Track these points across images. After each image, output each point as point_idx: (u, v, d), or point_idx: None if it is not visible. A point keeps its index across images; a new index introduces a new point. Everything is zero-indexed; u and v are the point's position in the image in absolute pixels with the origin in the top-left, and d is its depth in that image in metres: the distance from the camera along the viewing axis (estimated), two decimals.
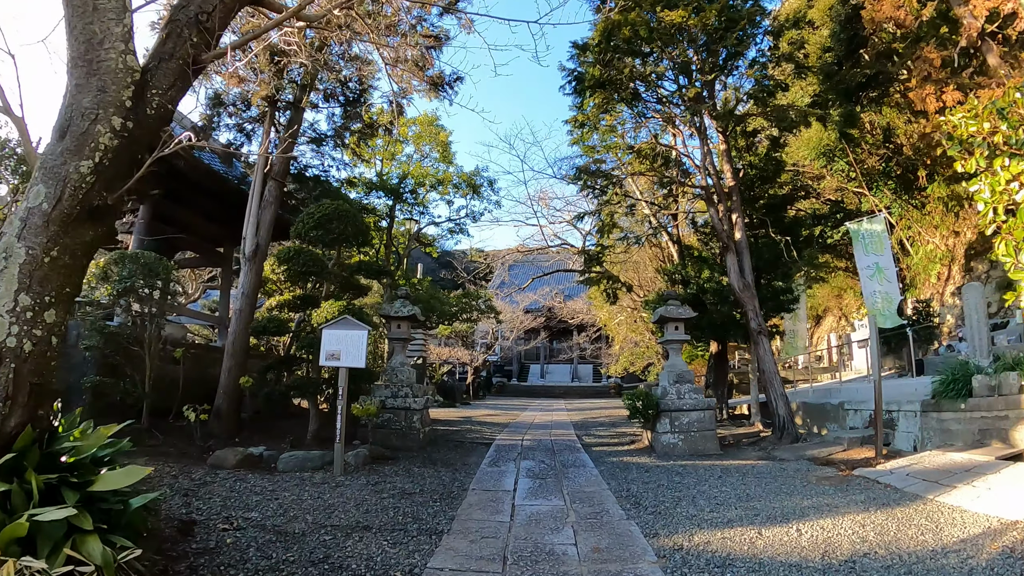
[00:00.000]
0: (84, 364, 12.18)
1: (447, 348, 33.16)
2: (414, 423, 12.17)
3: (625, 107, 15.48)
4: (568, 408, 26.91)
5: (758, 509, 7.13)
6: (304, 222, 12.35)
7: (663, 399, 12.39)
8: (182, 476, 8.11)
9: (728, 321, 15.81)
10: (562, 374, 44.77)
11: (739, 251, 14.14)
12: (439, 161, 22.54)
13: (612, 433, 15.98)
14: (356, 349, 9.52)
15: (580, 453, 12.07)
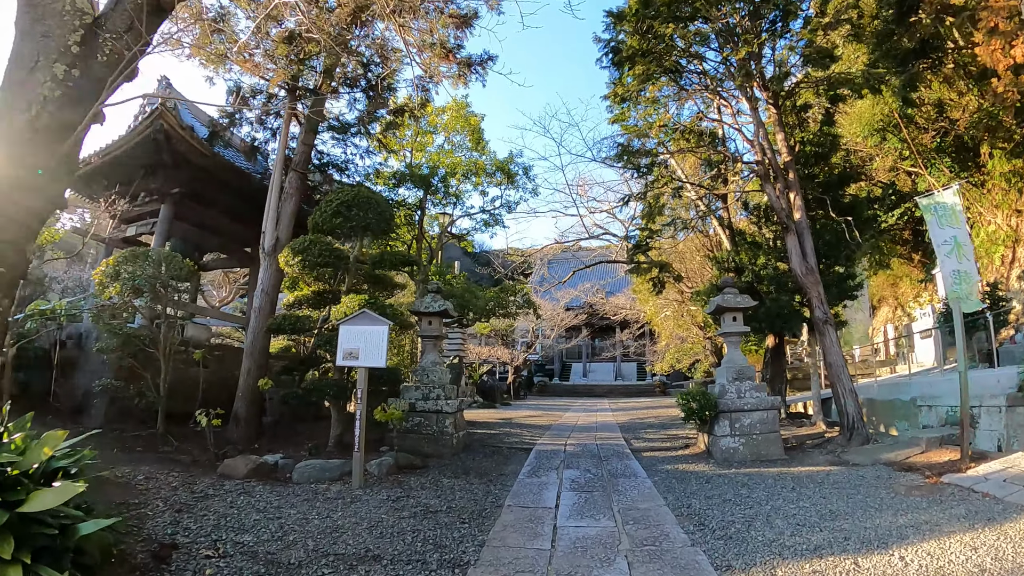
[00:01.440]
0: (102, 369, 11.71)
1: (486, 347, 32.24)
2: (446, 428, 11.13)
3: (666, 84, 14.28)
4: (613, 408, 25.68)
5: (847, 531, 5.98)
6: (322, 210, 11.40)
7: (721, 398, 11.17)
8: (183, 488, 7.27)
9: (786, 311, 14.48)
10: (605, 373, 43.53)
11: (800, 232, 12.85)
12: (471, 150, 21.46)
13: (663, 436, 14.74)
14: (376, 347, 8.55)
15: (630, 460, 10.90)
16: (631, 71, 13.57)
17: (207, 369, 12.99)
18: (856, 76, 13.18)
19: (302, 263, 10.89)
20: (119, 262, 10.87)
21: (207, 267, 21.76)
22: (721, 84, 14.19)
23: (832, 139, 14.99)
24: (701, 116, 15.73)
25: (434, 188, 19.72)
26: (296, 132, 14.03)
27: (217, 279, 31.75)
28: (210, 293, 32.23)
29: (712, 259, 19.13)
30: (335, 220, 11.11)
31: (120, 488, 6.99)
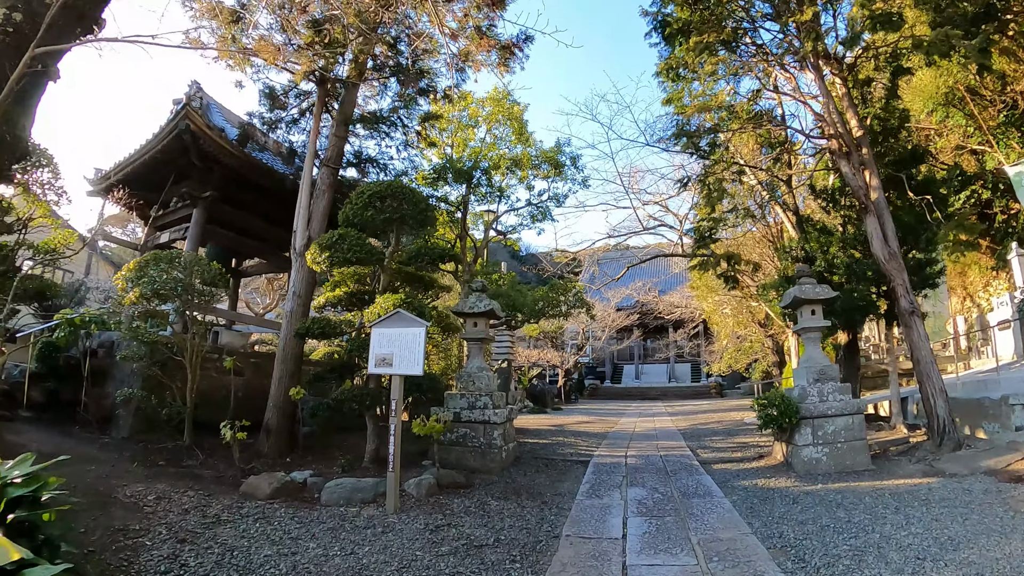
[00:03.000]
0: (133, 378, 11.26)
1: (536, 350, 31.29)
2: (494, 439, 10.04)
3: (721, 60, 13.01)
4: (670, 412, 24.33)
5: (978, 565, 4.82)
6: (352, 202, 10.47)
7: (802, 403, 9.87)
8: (195, 511, 6.42)
9: (864, 303, 13.08)
10: (658, 374, 42.13)
11: (880, 213, 11.50)
12: (515, 143, 20.35)
13: (732, 445, 13.39)
14: (412, 351, 7.51)
15: (700, 475, 9.66)
16: (683, 46, 12.39)
17: (242, 377, 12.39)
18: (927, 39, 11.73)
19: (330, 259, 9.96)
20: (140, 266, 10.19)
21: (246, 273, 21.39)
22: (781, 59, 12.90)
23: (901, 113, 13.58)
24: (758, 94, 14.40)
25: (476, 182, 18.71)
26: (328, 128, 13.24)
27: (261, 286, 31.55)
28: (254, 300, 32.02)
29: (778, 249, 17.73)
30: (367, 213, 10.17)
31: (124, 510, 6.22)
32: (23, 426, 10.31)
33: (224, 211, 15.36)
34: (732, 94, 14.58)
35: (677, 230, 22.11)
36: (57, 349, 12.02)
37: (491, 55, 12.23)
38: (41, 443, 9.16)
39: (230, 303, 20.39)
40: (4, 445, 8.63)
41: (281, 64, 12.24)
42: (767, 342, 25.55)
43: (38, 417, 11.22)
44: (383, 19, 11.64)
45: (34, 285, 10.26)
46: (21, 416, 11.08)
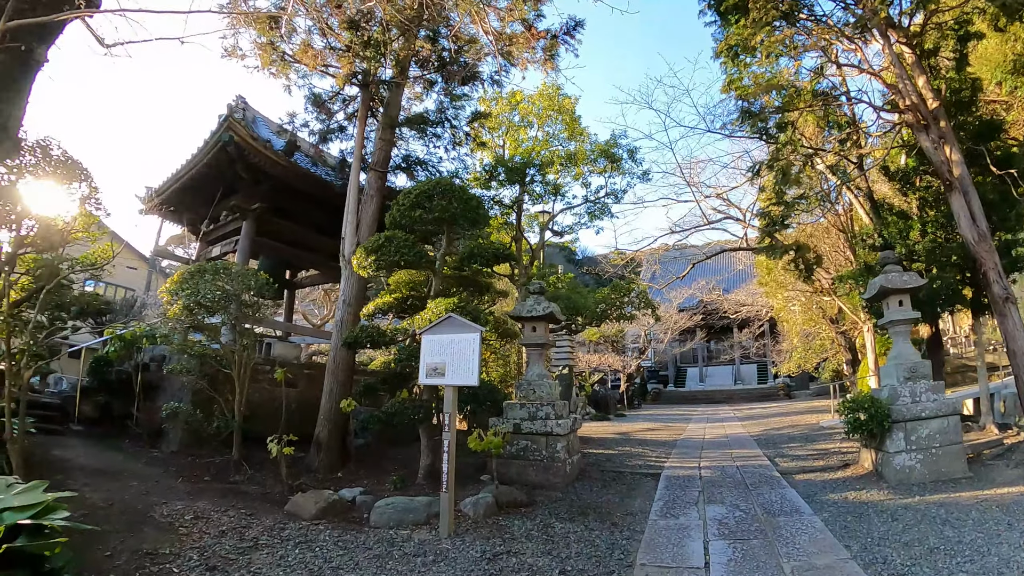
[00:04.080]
0: (184, 392, 11.11)
1: (596, 355, 30.46)
2: (557, 453, 9.33)
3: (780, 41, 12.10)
4: (739, 416, 23.18)
5: None
6: (399, 203, 9.95)
7: (893, 404, 8.87)
8: (232, 533, 5.98)
9: (946, 292, 11.95)
10: (723, 377, 40.69)
11: (965, 190, 10.45)
12: (568, 139, 19.62)
13: (811, 452, 12.34)
14: (465, 360, 6.87)
15: (783, 488, 8.75)
16: (737, 26, 11.57)
17: (295, 389, 12.10)
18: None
19: (376, 263, 9.46)
20: (184, 278, 9.90)
21: (301, 284, 21.33)
22: (843, 31, 11.96)
23: (973, 82, 12.46)
24: (821, 71, 13.38)
25: (530, 180, 18.07)
26: (375, 132, 12.87)
27: (319, 297, 31.62)
28: (312, 311, 32.12)
29: (852, 238, 16.55)
30: (414, 213, 9.63)
31: (157, 531, 5.84)
32: (73, 440, 10.18)
33: (274, 223, 15.22)
34: (795, 73, 13.61)
35: (742, 223, 20.97)
36: (109, 363, 12.00)
37: (536, 52, 11.66)
38: (87, 458, 8.97)
39: (285, 315, 20.35)
40: (50, 460, 8.44)
41: (322, 68, 11.99)
42: (838, 339, 24.21)
43: (89, 431, 11.13)
44: (424, 16, 11.19)
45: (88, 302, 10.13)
46: (72, 430, 11.02)
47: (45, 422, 10.51)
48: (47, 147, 7.73)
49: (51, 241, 8.44)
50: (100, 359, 12.20)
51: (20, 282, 8.81)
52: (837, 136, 14.47)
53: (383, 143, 12.49)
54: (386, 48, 11.66)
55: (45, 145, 7.71)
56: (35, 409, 10.63)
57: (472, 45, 12.32)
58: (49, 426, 10.53)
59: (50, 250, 8.61)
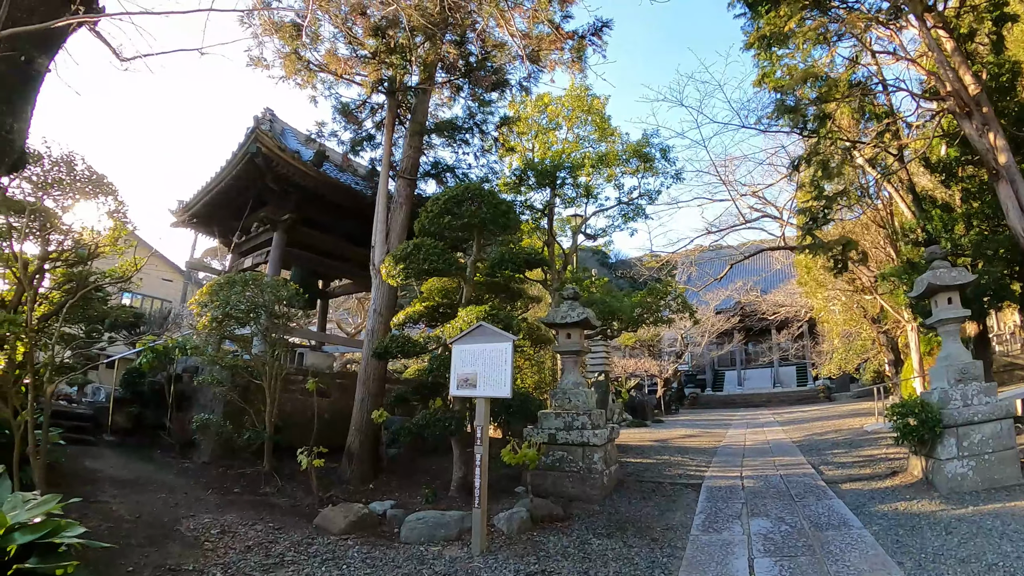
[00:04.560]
0: (216, 402, 11.16)
1: (632, 359, 29.98)
2: (594, 463, 9.02)
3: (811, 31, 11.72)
4: (779, 421, 22.59)
5: None
6: (428, 210, 9.80)
7: (943, 408, 8.39)
8: (258, 549, 5.85)
9: (994, 288, 11.42)
10: (761, 380, 39.87)
11: (1012, 178, 9.96)
12: (598, 140, 19.24)
13: (857, 459, 11.81)
14: (497, 370, 6.62)
15: (830, 499, 8.34)
16: (769, 14, 11.22)
17: (328, 399, 12.02)
18: None
19: (405, 271, 9.30)
20: (213, 289, 9.86)
21: (334, 294, 21.38)
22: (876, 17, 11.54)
23: (1012, 66, 11.92)
24: (856, 60, 12.92)
25: (561, 183, 17.75)
26: (403, 139, 12.75)
27: (352, 306, 31.70)
28: (346, 320, 32.22)
29: (894, 234, 15.98)
30: (443, 219, 9.47)
31: (182, 546, 5.75)
32: (105, 451, 10.22)
33: (305, 233, 15.23)
34: (829, 63, 13.17)
35: (780, 221, 20.36)
36: (141, 375, 12.09)
37: (564, 53, 11.44)
38: (117, 468, 8.96)
39: (318, 324, 20.37)
40: (80, 471, 8.45)
41: (348, 77, 11.93)
42: (880, 339, 23.46)
43: (121, 442, 11.18)
44: (448, 20, 11.04)
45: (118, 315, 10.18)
46: (104, 440, 11.07)
47: (77, 432, 10.60)
48: (71, 162, 7.73)
49: (80, 255, 8.47)
50: (133, 370, 12.29)
51: (51, 296, 8.87)
52: (876, 128, 13.97)
53: (411, 150, 12.37)
54: (412, 54, 11.55)
55: (69, 160, 7.71)
56: (68, 420, 10.75)
57: (499, 50, 12.14)
58: (81, 436, 10.63)
59: (79, 264, 8.64)
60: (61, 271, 8.85)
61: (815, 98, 12.24)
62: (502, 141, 14.85)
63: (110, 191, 8.31)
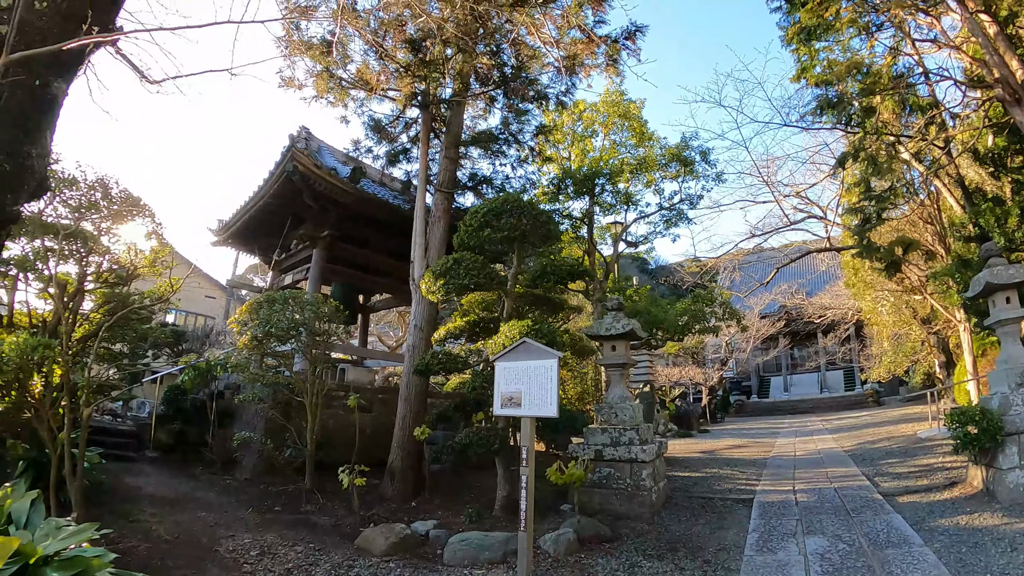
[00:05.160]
0: (258, 419, 11.22)
1: (676, 368, 29.42)
2: (643, 480, 8.75)
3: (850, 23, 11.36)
4: (829, 428, 21.93)
5: None
6: (467, 224, 9.67)
7: (1005, 415, 7.93)
8: (298, 572, 5.83)
9: None
10: (808, 385, 38.96)
11: None
12: (636, 145, 18.81)
13: (912, 468, 11.33)
14: (543, 388, 6.35)
15: (888, 514, 7.95)
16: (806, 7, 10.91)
17: (370, 414, 11.98)
18: None
19: (446, 287, 9.18)
20: (253, 308, 9.90)
21: (374, 308, 21.48)
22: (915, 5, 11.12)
23: None
24: (896, 51, 12.46)
25: (600, 190, 17.50)
26: (439, 153, 12.70)
27: (393, 319, 31.82)
28: (387, 333, 32.34)
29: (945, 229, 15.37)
30: (483, 233, 9.32)
31: (220, 568, 5.73)
32: (146, 467, 10.30)
33: (344, 249, 15.30)
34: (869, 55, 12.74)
35: (825, 221, 19.78)
36: (183, 392, 12.21)
37: (598, 58, 11.27)
38: (158, 486, 9.00)
39: (359, 339, 20.44)
40: (121, 489, 8.50)
41: (382, 92, 11.90)
42: (930, 340, 22.68)
43: (163, 458, 11.27)
44: (479, 32, 10.97)
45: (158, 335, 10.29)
46: (146, 457, 11.17)
47: (119, 449, 10.75)
48: (107, 185, 7.82)
49: (119, 275, 8.58)
50: (175, 387, 12.43)
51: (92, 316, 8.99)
52: (920, 120, 13.46)
53: (448, 163, 12.30)
54: (445, 66, 11.49)
55: (104, 183, 7.81)
56: (110, 436, 10.94)
57: (534, 60, 12.01)
58: (123, 453, 10.76)
59: (119, 284, 8.75)
60: (101, 292, 8.97)
61: (859, 91, 11.85)
62: (539, 150, 14.72)
63: (147, 213, 8.42)
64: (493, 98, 12.95)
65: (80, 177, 7.79)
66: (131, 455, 11.00)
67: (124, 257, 8.35)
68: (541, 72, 12.55)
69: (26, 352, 6.17)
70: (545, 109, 13.33)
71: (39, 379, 6.61)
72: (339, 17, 8.24)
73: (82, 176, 7.79)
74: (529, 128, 14.05)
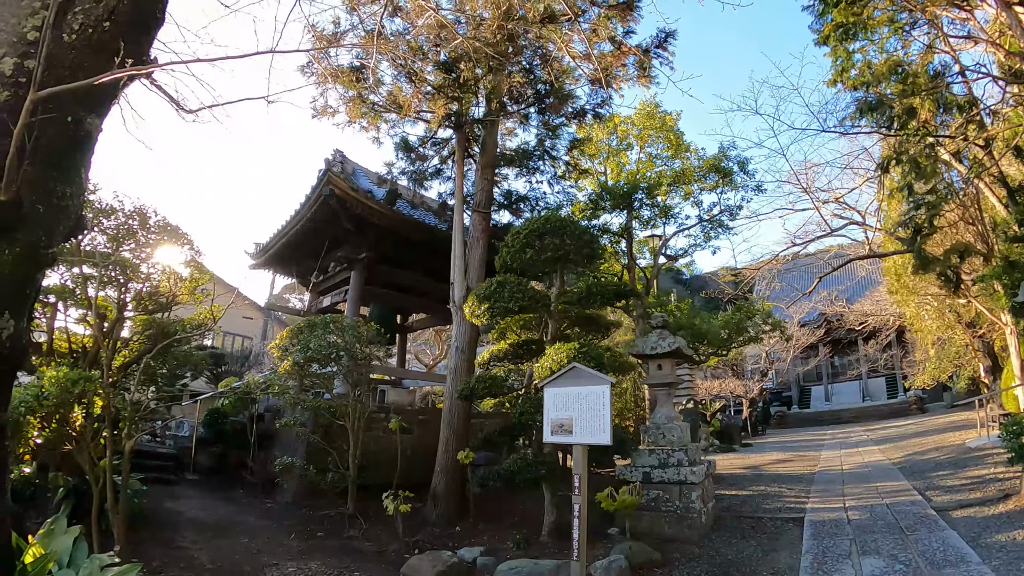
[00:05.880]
0: (298, 442, 11.22)
1: (716, 380, 28.92)
2: (692, 502, 8.57)
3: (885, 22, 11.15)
4: (873, 439, 21.36)
5: None
6: (509, 245, 9.60)
7: None
8: None
9: None
10: (849, 394, 38.09)
11: None
12: (672, 157, 18.73)
13: (964, 481, 10.94)
14: (595, 415, 6.25)
15: (943, 530, 7.68)
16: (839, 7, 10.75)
17: (410, 435, 11.94)
18: None
19: (490, 311, 9.13)
20: (294, 333, 9.98)
21: (412, 328, 21.60)
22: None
23: None
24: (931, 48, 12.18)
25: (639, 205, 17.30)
26: (474, 172, 12.72)
27: (430, 337, 31.93)
28: (423, 351, 32.45)
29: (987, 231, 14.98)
30: (526, 254, 9.25)
31: None
32: (187, 490, 10.35)
33: (382, 271, 15.40)
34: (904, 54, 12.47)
35: (866, 226, 19.34)
36: (223, 415, 12.33)
37: (628, 69, 11.20)
38: (199, 510, 9.03)
39: (398, 359, 20.53)
40: (162, 514, 8.54)
41: (415, 115, 11.97)
42: (975, 344, 22.06)
43: (204, 481, 11.34)
44: (511, 49, 10.98)
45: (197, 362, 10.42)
46: (187, 480, 11.25)
47: (160, 472, 10.84)
48: (144, 214, 7.95)
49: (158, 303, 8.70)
50: (215, 411, 12.55)
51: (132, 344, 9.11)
52: (958, 118, 13.13)
53: (484, 183, 12.31)
54: (477, 86, 11.53)
55: (142, 212, 7.93)
56: (151, 459, 11.01)
57: (565, 75, 11.98)
58: (164, 476, 10.85)
59: (158, 310, 8.87)
60: (141, 318, 9.09)
61: (899, 93, 11.61)
62: (574, 164, 14.67)
63: (185, 241, 8.54)
64: (527, 116, 12.94)
65: (118, 206, 7.93)
66: (171, 478, 11.11)
67: (164, 285, 8.47)
68: (574, 87, 12.55)
69: (67, 386, 6.21)
70: (581, 124, 13.27)
71: (80, 410, 6.64)
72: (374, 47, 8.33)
73: (119, 205, 7.92)
74: (563, 143, 14.03)
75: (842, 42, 11.62)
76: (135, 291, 8.56)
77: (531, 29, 10.40)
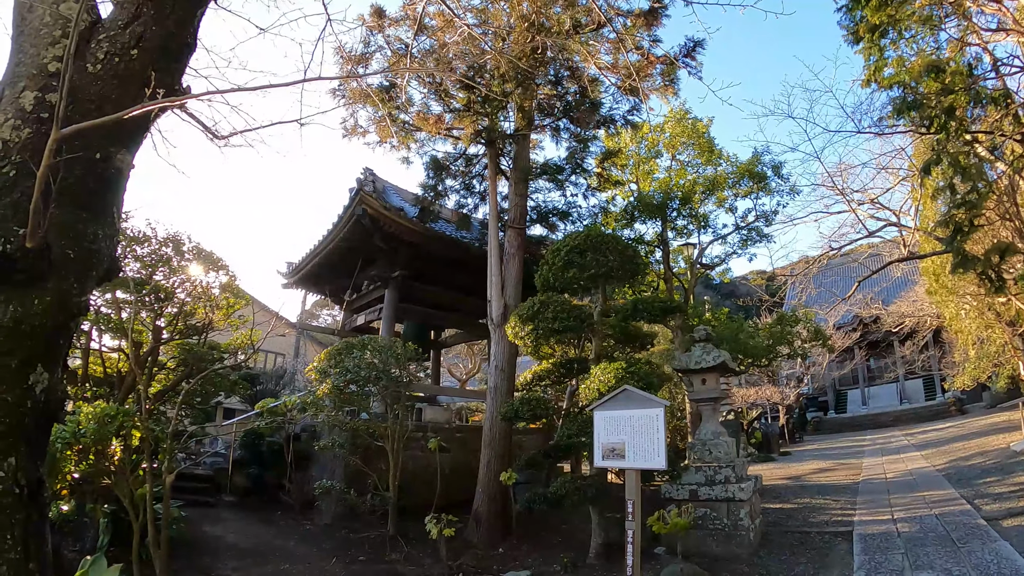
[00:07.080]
0: (335, 462, 11.27)
1: (752, 388, 28.41)
2: (740, 520, 8.39)
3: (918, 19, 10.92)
4: (914, 444, 20.86)
5: None
6: (549, 263, 9.54)
7: None
8: None
9: None
10: (886, 397, 37.26)
11: None
12: (705, 163, 18.43)
13: (1012, 487, 10.59)
14: (649, 439, 6.17)
15: (995, 541, 7.43)
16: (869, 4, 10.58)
17: (448, 454, 11.88)
18: None
19: (535, 332, 9.03)
20: (332, 355, 10.01)
21: (446, 344, 21.60)
22: None
23: None
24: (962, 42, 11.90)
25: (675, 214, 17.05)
26: (507, 187, 12.72)
27: (462, 351, 31.95)
28: (456, 364, 32.49)
29: None
30: (567, 272, 9.18)
31: None
32: (225, 513, 10.36)
33: (415, 288, 15.40)
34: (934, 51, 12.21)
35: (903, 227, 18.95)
36: (260, 436, 12.34)
37: (655, 79, 11.13)
38: (238, 534, 9.02)
39: (432, 376, 20.51)
40: (201, 539, 8.53)
41: (445, 132, 11.99)
42: (1014, 342, 21.52)
43: (241, 502, 11.33)
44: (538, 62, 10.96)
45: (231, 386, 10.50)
46: (224, 502, 11.25)
47: (197, 494, 10.89)
48: (178, 241, 8.03)
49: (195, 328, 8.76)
50: (251, 432, 12.58)
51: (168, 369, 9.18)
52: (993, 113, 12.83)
53: (517, 198, 12.25)
54: (506, 100, 11.52)
55: (176, 239, 8.01)
56: (187, 481, 10.98)
57: (594, 85, 11.93)
58: (201, 499, 10.89)
59: (194, 335, 8.93)
60: (176, 342, 9.15)
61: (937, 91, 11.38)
62: (605, 176, 14.61)
63: (220, 266, 8.61)
64: (558, 128, 12.86)
65: (150, 233, 8.01)
66: (209, 500, 11.14)
67: (200, 311, 8.54)
68: (602, 99, 12.47)
69: (104, 421, 6.22)
70: (612, 133, 13.22)
71: (118, 443, 6.62)
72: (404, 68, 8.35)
73: (152, 232, 8.01)
74: (593, 155, 13.98)
75: (873, 41, 11.42)
76: (170, 316, 8.63)
77: (557, 41, 10.38)
